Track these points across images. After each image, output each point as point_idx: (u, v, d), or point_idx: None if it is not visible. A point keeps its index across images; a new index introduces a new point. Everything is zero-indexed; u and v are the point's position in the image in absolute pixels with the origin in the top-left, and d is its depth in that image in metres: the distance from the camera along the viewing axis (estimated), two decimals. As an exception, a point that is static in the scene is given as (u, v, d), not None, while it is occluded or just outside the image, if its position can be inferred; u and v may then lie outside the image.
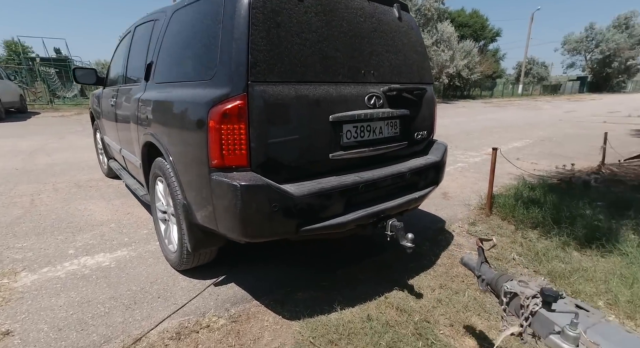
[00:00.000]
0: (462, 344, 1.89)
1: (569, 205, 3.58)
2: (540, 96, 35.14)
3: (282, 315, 2.14)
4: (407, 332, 1.96)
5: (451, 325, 2.02)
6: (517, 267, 2.67)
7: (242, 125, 1.71)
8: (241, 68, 1.69)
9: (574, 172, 5.25)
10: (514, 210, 3.52)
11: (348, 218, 2.02)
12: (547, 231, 3.16)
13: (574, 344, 1.14)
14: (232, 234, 1.86)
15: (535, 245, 2.91)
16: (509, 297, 1.43)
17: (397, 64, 2.38)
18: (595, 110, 17.65)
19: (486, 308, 2.14)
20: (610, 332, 1.20)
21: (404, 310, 2.13)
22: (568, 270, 2.50)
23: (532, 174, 5.15)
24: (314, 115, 1.93)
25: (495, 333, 1.94)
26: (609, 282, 2.36)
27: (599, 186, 4.63)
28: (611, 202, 3.89)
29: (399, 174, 2.28)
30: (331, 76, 2.00)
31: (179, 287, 2.36)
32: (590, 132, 9.66)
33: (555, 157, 6.62)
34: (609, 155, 5.78)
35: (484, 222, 3.53)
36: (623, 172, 5.44)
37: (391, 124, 2.33)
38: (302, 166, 1.96)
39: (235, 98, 1.70)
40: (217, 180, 1.77)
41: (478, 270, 1.63)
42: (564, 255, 2.77)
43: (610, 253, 2.76)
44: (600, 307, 2.16)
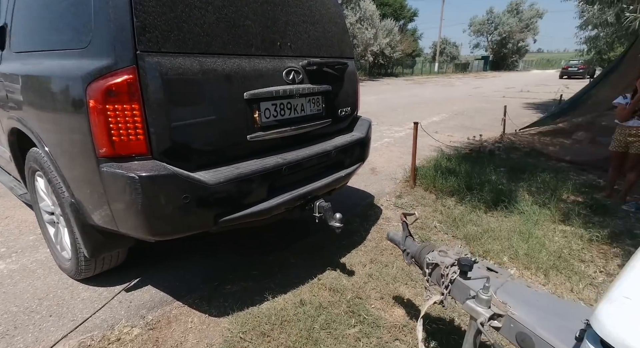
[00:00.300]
0: (392, 315, 1.95)
1: (478, 173, 3.96)
2: (453, 74, 38.59)
3: (209, 313, 1.97)
4: (340, 311, 1.96)
5: (381, 298, 2.08)
6: (438, 234, 2.87)
7: (134, 105, 1.43)
8: (124, 33, 1.39)
9: (482, 142, 5.85)
10: (435, 180, 3.77)
11: (272, 203, 1.88)
12: (462, 197, 3.45)
13: (486, 306, 1.20)
14: (138, 233, 1.61)
15: (452, 212, 3.15)
16: (430, 267, 1.46)
17: (316, 37, 2.22)
18: (496, 86, 20.01)
19: (413, 277, 2.25)
20: (515, 289, 1.30)
21: (337, 289, 2.12)
22: (479, 232, 2.76)
23: (449, 145, 5.60)
24: (225, 92, 1.71)
25: (421, 300, 2.04)
26: (510, 239, 2.67)
27: (501, 154, 5.24)
28: (510, 167, 4.42)
29: (324, 152, 2.19)
30: (242, 48, 1.79)
31: (78, 300, 2.01)
32: (493, 106, 10.90)
33: (467, 129, 7.31)
34: (508, 126, 6.57)
35: (409, 193, 3.72)
36: (519, 140, 6.25)
37: (313, 100, 2.21)
38: (217, 150, 1.76)
39: (122, 71, 1.40)
40: (109, 173, 1.48)
41: (403, 244, 1.65)
42: (476, 218, 3.06)
43: (511, 213, 3.12)
44: (504, 262, 2.43)
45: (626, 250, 2.55)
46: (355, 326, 1.87)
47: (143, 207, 1.48)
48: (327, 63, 2.25)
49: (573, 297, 2.08)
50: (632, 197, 3.48)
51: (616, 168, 3.54)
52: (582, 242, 2.67)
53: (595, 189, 3.80)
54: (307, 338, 1.77)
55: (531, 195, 3.54)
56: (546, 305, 1.21)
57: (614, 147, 3.45)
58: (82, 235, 1.80)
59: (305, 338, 1.77)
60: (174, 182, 1.51)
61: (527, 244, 2.58)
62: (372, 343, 1.75)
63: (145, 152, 1.50)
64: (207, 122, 1.66)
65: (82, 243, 1.82)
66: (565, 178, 4.04)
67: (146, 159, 1.51)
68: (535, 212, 3.06)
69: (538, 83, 22.03)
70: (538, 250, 2.50)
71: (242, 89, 1.77)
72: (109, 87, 1.40)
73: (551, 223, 2.97)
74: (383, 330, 1.83)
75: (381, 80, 25.65)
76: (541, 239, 2.65)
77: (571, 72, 26.67)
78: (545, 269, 2.31)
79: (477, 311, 1.21)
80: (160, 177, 1.48)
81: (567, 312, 1.17)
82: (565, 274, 2.28)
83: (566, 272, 2.29)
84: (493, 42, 48.76)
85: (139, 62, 1.41)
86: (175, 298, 2.07)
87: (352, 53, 2.62)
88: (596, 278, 2.27)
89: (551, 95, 12.78)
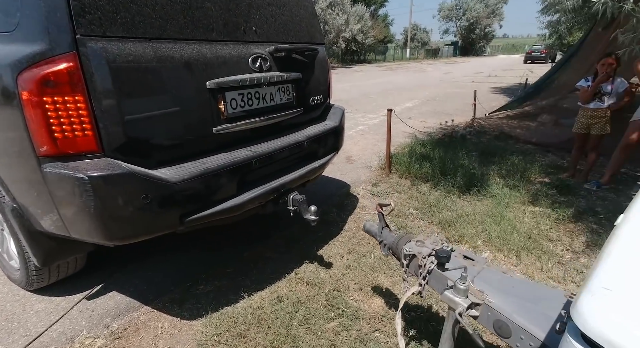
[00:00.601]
0: (371, 305, 1.94)
1: (452, 158, 4.01)
2: (424, 60, 39.08)
3: (181, 317, 1.87)
4: (319, 305, 1.92)
5: (360, 289, 2.05)
6: (414, 221, 2.88)
7: (78, 97, 1.28)
8: (59, 14, 1.22)
9: (454, 127, 5.95)
10: (410, 167, 3.78)
11: (243, 198, 1.78)
12: (436, 183, 3.48)
13: (464, 296, 1.19)
14: (93, 239, 1.47)
15: (428, 198, 3.17)
16: (408, 258, 1.44)
17: (284, 21, 2.09)
18: (466, 71, 20.47)
19: (390, 265, 2.24)
20: (492, 276, 1.29)
21: (315, 283, 2.08)
22: (454, 217, 2.80)
23: (422, 131, 5.64)
24: (185, 82, 1.57)
25: (400, 289, 2.04)
26: (484, 222, 2.72)
27: (473, 138, 5.35)
28: (482, 151, 4.52)
29: (296, 143, 2.10)
30: (202, 33, 1.64)
31: (32, 313, 1.84)
32: (464, 91, 11.13)
33: (439, 115, 7.41)
34: (478, 110, 6.71)
35: (385, 181, 3.71)
36: (488, 124, 6.41)
37: (283, 89, 2.09)
38: (180, 145, 1.63)
39: (60, 58, 1.24)
40: (53, 174, 1.33)
41: (380, 235, 1.61)
42: (450, 203, 3.09)
43: (484, 196, 3.19)
44: (478, 246, 2.48)
45: (589, 228, 2.67)
46: (335, 319, 1.83)
47: (96, 211, 1.34)
48: (296, 49, 2.13)
49: (543, 276, 2.14)
50: (592, 176, 3.65)
51: (578, 149, 3.69)
52: (550, 222, 2.76)
53: (560, 170, 3.96)
54: (285, 336, 1.72)
55: (502, 178, 3.63)
56: (522, 291, 1.21)
57: (576, 129, 3.58)
58: (30, 243, 1.64)
59: (284, 336, 1.72)
60: (131, 182, 1.38)
61: (500, 227, 2.63)
62: (351, 336, 1.72)
63: (96, 149, 1.36)
64: (166, 115, 1.52)
65: (31, 252, 1.67)
66: (532, 160, 4.18)
67: (97, 156, 1.37)
68: (506, 194, 3.14)
69: (504, 68, 22.75)
70: (510, 232, 2.56)
71: (204, 77, 1.64)
72: (45, 77, 1.23)
73: (521, 204, 3.06)
74: (362, 322, 1.81)
75: (354, 67, 25.55)
76: (512, 221, 2.72)
77: (534, 56, 27.77)
78: (517, 250, 2.37)
79: (455, 301, 1.19)
80: (114, 176, 1.34)
81: (542, 297, 1.18)
82: (535, 254, 2.35)
83: (536, 252, 2.36)
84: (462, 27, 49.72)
85: (79, 47, 1.25)
86: (143, 303, 1.95)
87: (322, 38, 2.50)
88: (563, 257, 2.36)
89: (517, 79, 13.23)
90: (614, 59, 3.17)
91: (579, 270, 2.19)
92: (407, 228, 2.72)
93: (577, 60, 5.71)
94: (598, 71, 3.30)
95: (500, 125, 6.35)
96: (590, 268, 0.79)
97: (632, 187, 3.38)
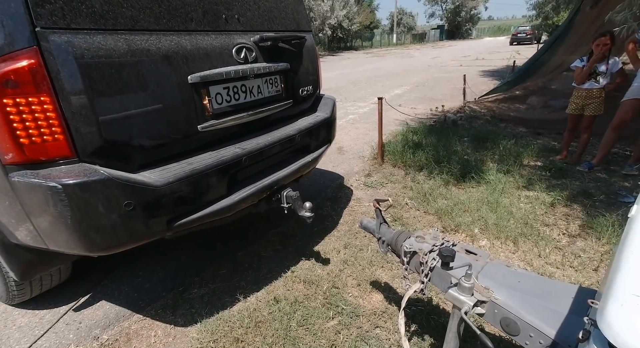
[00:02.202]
0: (371, 302, 1.89)
1: (445, 144, 3.96)
2: (411, 44, 38.74)
3: (175, 323, 1.80)
4: (317, 304, 1.86)
5: (358, 285, 2.00)
6: (410, 211, 2.84)
7: (44, 97, 1.16)
8: (13, 4, 1.09)
9: (445, 113, 5.90)
10: (403, 156, 3.72)
11: (235, 199, 1.70)
12: (430, 171, 3.44)
13: (469, 294, 1.14)
14: (74, 251, 1.37)
15: (422, 187, 3.13)
16: (409, 256, 1.38)
17: (268, 8, 1.96)
18: (453, 55, 20.36)
19: (388, 259, 2.19)
20: (496, 271, 1.25)
21: (312, 281, 2.02)
22: (450, 206, 2.76)
23: (413, 118, 5.57)
24: (164, 76, 1.45)
25: (399, 283, 1.99)
26: (480, 210, 2.69)
27: (464, 123, 5.31)
28: (474, 137, 4.48)
29: (287, 137, 2.00)
30: (180, 22, 1.52)
31: (14, 328, 1.75)
32: (452, 75, 11.06)
33: (429, 100, 7.34)
34: (468, 95, 6.67)
35: (378, 171, 3.65)
36: (479, 108, 6.38)
37: (271, 81, 1.98)
38: (163, 145, 1.52)
39: (19, 55, 1.12)
40: (22, 183, 1.22)
41: (377, 232, 1.55)
42: (445, 191, 3.05)
43: (479, 183, 3.16)
44: (476, 234, 2.45)
45: (584, 210, 2.66)
46: (334, 318, 1.79)
47: (74, 221, 1.24)
48: (283, 38, 2.00)
49: (541, 263, 2.13)
50: (584, 158, 3.65)
51: (570, 130, 3.67)
52: (545, 206, 2.75)
53: (552, 152, 3.95)
54: (284, 338, 1.67)
55: (495, 163, 3.60)
56: (528, 285, 1.16)
57: (570, 110, 3.55)
58: (5, 256, 1.54)
59: (283, 339, 1.66)
60: (111, 188, 1.28)
61: (496, 214, 2.61)
62: (352, 335, 1.68)
63: (69, 154, 1.25)
64: (146, 113, 1.41)
65: (7, 266, 1.56)
66: (524, 143, 4.16)
67: (72, 162, 1.26)
68: (501, 180, 3.11)
69: (491, 50, 22.70)
70: (506, 218, 2.54)
71: (185, 71, 1.52)
72: (4, 75, 1.11)
73: (516, 189, 3.04)
74: (362, 319, 1.77)
75: (341, 54, 25.18)
76: (508, 207, 2.70)
77: (520, 38, 27.74)
78: (514, 237, 2.35)
79: (460, 300, 1.14)
80: (91, 183, 1.23)
81: (548, 291, 1.14)
82: (532, 240, 2.33)
83: (533, 238, 2.34)
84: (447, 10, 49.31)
85: (41, 42, 1.13)
86: (134, 311, 1.87)
87: (309, 26, 2.37)
88: (560, 241, 2.35)
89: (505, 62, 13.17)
90: (609, 38, 3.12)
91: (576, 255, 2.18)
92: (402, 219, 2.68)
93: (565, 40, 5.67)
94: (593, 51, 3.25)
95: (491, 108, 6.33)
96: (610, 268, 0.73)
97: (623, 166, 3.39)
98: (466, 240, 2.42)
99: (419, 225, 2.60)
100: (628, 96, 3.16)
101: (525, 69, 6.82)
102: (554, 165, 3.44)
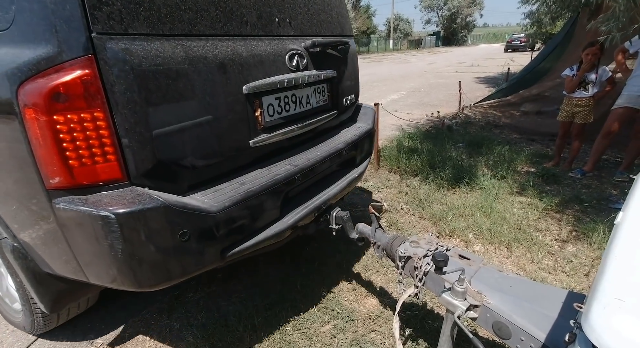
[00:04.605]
0: (366, 306, 1.91)
1: (440, 150, 4.01)
2: (407, 50, 39.14)
3: (170, 328, 1.80)
4: (313, 308, 1.88)
5: (354, 289, 2.02)
6: (405, 216, 2.86)
7: (97, 113, 1.02)
8: (69, 7, 0.95)
9: (440, 118, 5.96)
10: (398, 161, 3.76)
11: (288, 222, 1.52)
12: (425, 177, 3.47)
13: (462, 298, 1.17)
14: (118, 286, 1.20)
15: (417, 192, 3.16)
16: (403, 260, 1.40)
17: (316, 11, 1.79)
18: (449, 61, 20.60)
19: (384, 263, 2.21)
20: (489, 276, 1.27)
21: (307, 285, 2.03)
22: (445, 211, 2.79)
23: (409, 123, 5.63)
24: (219, 86, 1.30)
25: (394, 287, 2.01)
26: (474, 215, 2.73)
27: (459, 129, 5.37)
28: (469, 142, 4.54)
29: (336, 152, 1.82)
30: (236, 26, 1.36)
31: (8, 332, 1.76)
32: (448, 81, 11.19)
33: (425, 106, 7.42)
34: (463, 101, 6.75)
35: (374, 176, 3.68)
36: (474, 114, 6.46)
37: (319, 89, 1.82)
38: (215, 163, 1.36)
39: (73, 64, 0.98)
40: (68, 211, 1.07)
41: (373, 237, 1.57)
42: (440, 197, 3.09)
43: (473, 189, 3.20)
44: (470, 239, 2.48)
45: (576, 216, 2.71)
46: (329, 322, 1.80)
47: (124, 255, 1.07)
48: (332, 43, 1.85)
49: (534, 268, 2.16)
50: (576, 164, 3.72)
51: (562, 137, 3.74)
52: (538, 212, 2.79)
53: (545, 158, 4.01)
54: (280, 342, 1.68)
55: (489, 168, 3.65)
56: (520, 290, 1.19)
57: (561, 118, 3.62)
58: (35, 287, 1.38)
59: (278, 343, 1.67)
60: (167, 216, 1.11)
61: (490, 219, 2.64)
62: (347, 339, 1.69)
63: (120, 176, 1.09)
64: (198, 128, 1.26)
65: (37, 297, 1.41)
66: (518, 149, 4.23)
67: (122, 185, 1.10)
68: (495, 185, 3.15)
69: (486, 57, 23.00)
70: (500, 224, 2.58)
71: (241, 80, 1.37)
72: (54, 89, 0.97)
73: (509, 195, 3.08)
74: (358, 323, 1.78)
75: (338, 59, 25.28)
76: (502, 213, 2.74)
77: (515, 45, 28.12)
78: (507, 242, 2.38)
79: (453, 304, 1.16)
80: (147, 211, 1.06)
81: (540, 295, 1.17)
82: (525, 245, 2.36)
83: (526, 243, 2.38)
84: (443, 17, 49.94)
85: (97, 50, 0.99)
86: (129, 315, 1.87)
87: (351, 30, 2.19)
88: (552, 246, 2.38)
89: (499, 69, 13.36)
90: (598, 48, 3.20)
91: (568, 260, 2.21)
92: (398, 224, 2.70)
93: (562, 50, 5.78)
94: (583, 60, 3.33)
95: (486, 115, 6.41)
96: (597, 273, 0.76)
97: (614, 173, 3.46)
98: (461, 245, 2.45)
99: (414, 230, 2.63)
100: (618, 104, 3.23)
101: (520, 77, 6.93)
102: (547, 172, 3.50)
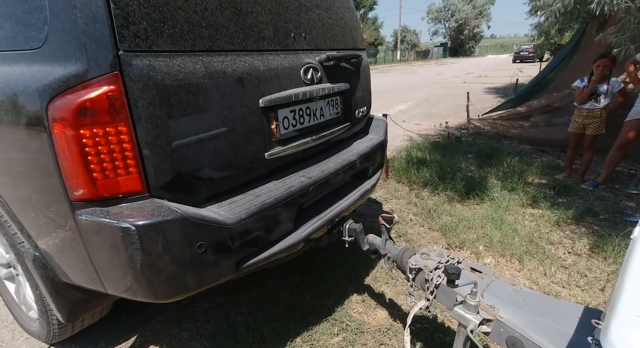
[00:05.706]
0: (375, 318, 1.89)
1: (449, 161, 3.99)
2: (414, 61, 39.40)
3: (179, 337, 1.80)
4: (322, 320, 1.86)
5: (363, 301, 2.00)
6: (414, 227, 2.85)
7: (121, 127, 1.06)
8: (98, 26, 1.01)
9: (448, 129, 5.96)
10: (407, 172, 3.75)
11: (302, 234, 1.53)
12: (435, 188, 3.46)
13: (475, 312, 1.15)
14: (136, 297, 1.22)
15: (427, 203, 3.14)
16: (414, 272, 1.40)
17: (330, 25, 1.84)
18: (456, 72, 20.65)
19: (393, 275, 2.19)
20: (501, 290, 1.26)
21: (316, 296, 2.02)
22: (454, 222, 2.77)
23: (418, 134, 5.63)
24: (237, 100, 1.34)
25: (403, 299, 1.99)
26: (484, 227, 2.69)
27: (468, 139, 5.35)
28: (478, 153, 4.52)
29: (349, 163, 1.84)
30: (254, 42, 1.41)
31: (22, 340, 1.77)
32: (456, 92, 11.20)
33: (433, 117, 7.42)
34: (471, 111, 6.74)
35: (382, 187, 3.68)
36: (482, 125, 6.44)
37: (332, 102, 1.86)
38: (231, 175, 1.38)
39: (100, 81, 1.03)
40: (90, 222, 1.10)
41: (383, 248, 1.57)
42: (450, 208, 3.07)
43: (483, 200, 3.17)
44: (480, 252, 2.44)
45: (590, 229, 2.66)
46: (339, 334, 1.78)
47: (143, 267, 1.10)
48: (345, 57, 1.88)
49: (547, 282, 2.12)
50: (588, 176, 3.66)
51: (574, 148, 3.70)
52: (550, 225, 2.75)
53: (556, 170, 3.96)
54: (288, 354, 1.66)
55: (499, 180, 3.62)
56: (533, 304, 1.17)
57: (572, 129, 3.59)
58: (53, 296, 1.41)
59: (287, 355, 1.66)
60: (185, 228, 1.14)
61: (500, 231, 2.61)
62: (357, 352, 1.67)
63: (141, 189, 1.13)
64: (216, 141, 1.29)
65: (54, 306, 1.44)
66: (528, 161, 4.19)
67: (142, 198, 1.14)
68: (505, 197, 3.12)
69: (494, 68, 23.00)
70: (511, 236, 2.54)
71: (257, 94, 1.40)
72: (81, 104, 1.02)
73: (520, 207, 3.05)
74: (367, 336, 1.76)
75: (346, 70, 25.54)
76: (513, 225, 2.70)
77: (523, 56, 28.11)
78: (519, 255, 2.35)
79: (466, 318, 1.15)
80: (167, 223, 1.09)
81: (554, 311, 1.15)
82: (537, 258, 2.32)
83: (538, 256, 2.34)
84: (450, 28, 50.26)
85: (123, 66, 1.03)
86: (139, 324, 1.88)
87: (363, 43, 2.25)
88: (566, 260, 2.34)
89: (508, 79, 13.36)
90: (610, 59, 3.19)
91: (582, 274, 2.17)
92: (407, 235, 2.69)
93: (571, 61, 5.77)
94: (594, 72, 3.32)
95: (495, 125, 6.38)
96: (614, 289, 0.75)
97: (628, 185, 3.39)
98: (471, 257, 2.42)
99: (423, 241, 2.61)
100: (631, 116, 3.19)
101: (529, 88, 6.91)
102: (558, 183, 3.45)
